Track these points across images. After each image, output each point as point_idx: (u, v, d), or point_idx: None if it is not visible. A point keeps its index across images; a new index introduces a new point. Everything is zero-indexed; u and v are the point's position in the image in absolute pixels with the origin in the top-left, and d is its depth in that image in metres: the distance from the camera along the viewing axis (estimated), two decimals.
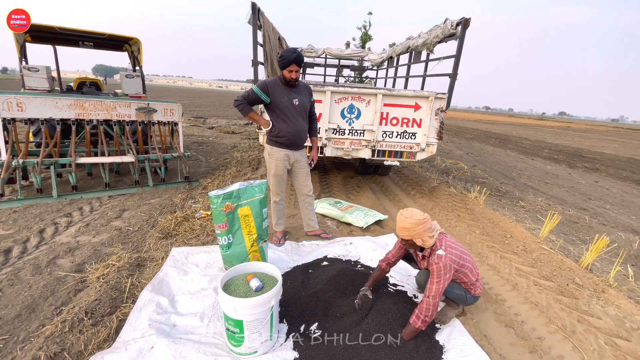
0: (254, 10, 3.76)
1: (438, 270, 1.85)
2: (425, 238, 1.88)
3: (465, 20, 3.90)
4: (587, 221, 4.88)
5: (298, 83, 2.79)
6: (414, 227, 1.85)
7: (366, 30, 14.16)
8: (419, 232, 1.85)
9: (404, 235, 1.90)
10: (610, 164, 11.45)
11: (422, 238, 1.88)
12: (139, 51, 5.84)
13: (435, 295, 1.83)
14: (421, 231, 1.85)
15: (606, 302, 2.54)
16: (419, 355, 1.79)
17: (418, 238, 1.88)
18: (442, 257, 1.86)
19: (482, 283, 2.20)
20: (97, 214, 3.58)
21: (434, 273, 1.86)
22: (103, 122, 4.29)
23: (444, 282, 1.85)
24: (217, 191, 2.21)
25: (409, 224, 1.85)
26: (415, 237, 1.88)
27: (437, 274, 1.86)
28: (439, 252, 1.88)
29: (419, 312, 1.85)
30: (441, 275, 1.85)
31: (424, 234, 1.87)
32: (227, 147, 8.15)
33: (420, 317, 1.83)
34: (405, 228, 1.86)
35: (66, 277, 2.41)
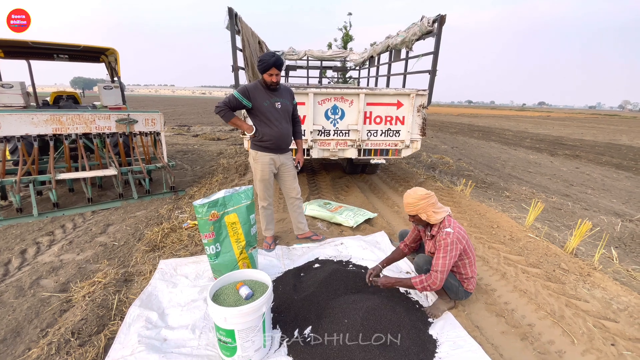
0: (231, 15, 3.73)
1: (445, 245, 1.92)
2: (429, 213, 1.99)
3: (441, 17, 3.96)
4: (570, 207, 5.01)
5: (279, 86, 2.79)
6: (416, 201, 1.98)
7: (347, 31, 14.24)
8: (423, 207, 1.98)
9: (409, 210, 2.04)
10: (590, 150, 11.80)
11: (426, 213, 1.99)
12: (116, 61, 5.72)
13: (442, 270, 1.90)
14: (425, 206, 1.98)
15: (592, 285, 2.61)
16: (413, 350, 1.80)
17: (422, 213, 1.99)
18: (450, 233, 1.94)
19: (476, 282, 2.26)
20: (80, 230, 3.48)
21: (441, 248, 1.93)
22: (82, 136, 4.19)
23: (450, 258, 1.91)
24: (202, 200, 2.18)
25: (412, 199, 2.00)
26: (419, 211, 2.00)
27: (443, 249, 1.92)
28: (448, 229, 1.96)
29: (424, 279, 1.93)
30: (447, 250, 1.92)
31: (428, 209, 1.98)
32: (213, 154, 8.06)
33: (423, 283, 1.93)
34: (409, 203, 2.01)
35: (50, 297, 2.34)
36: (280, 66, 2.62)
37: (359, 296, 2.17)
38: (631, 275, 2.89)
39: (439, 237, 1.98)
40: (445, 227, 1.99)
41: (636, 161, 9.64)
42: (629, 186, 6.67)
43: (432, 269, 1.95)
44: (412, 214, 2.05)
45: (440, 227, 2.02)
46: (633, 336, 2.05)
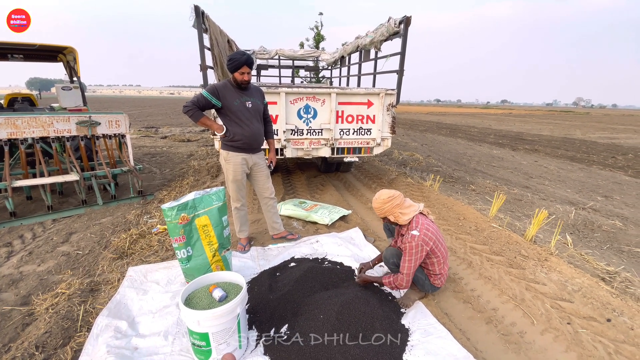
0: (198, 13, 3.65)
1: (410, 248, 1.99)
2: (396, 214, 2.05)
3: (407, 19, 4.09)
4: (529, 198, 5.34)
5: (250, 86, 2.77)
6: (381, 205, 2.06)
7: (318, 31, 14.29)
8: (388, 210, 2.05)
9: (378, 214, 2.12)
10: (547, 144, 12.60)
11: (393, 215, 2.06)
12: (75, 61, 5.42)
13: (408, 273, 2.01)
14: (390, 208, 2.04)
15: (549, 269, 2.81)
16: (387, 341, 1.86)
17: (390, 215, 2.06)
18: (415, 237, 1.99)
19: (445, 279, 2.33)
20: (40, 240, 3.28)
21: (406, 251, 2.00)
22: (40, 140, 3.94)
23: (415, 260, 2.00)
24: (171, 203, 2.13)
25: (377, 203, 2.09)
26: (386, 214, 2.06)
27: (408, 252, 2.00)
28: (414, 232, 2.01)
29: (393, 279, 2.04)
30: (412, 253, 1.99)
31: (394, 211, 2.05)
32: (183, 156, 7.84)
33: (392, 283, 2.05)
34: (375, 207, 2.10)
35: (11, 311, 2.21)
36: (251, 64, 2.61)
37: (334, 291, 2.21)
38: (584, 258, 3.14)
39: (405, 239, 2.03)
40: (412, 229, 2.03)
41: (588, 154, 10.42)
42: (582, 177, 7.21)
43: (400, 270, 2.05)
44: (381, 217, 2.13)
45: (408, 229, 2.06)
46: (587, 315, 2.23)
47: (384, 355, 1.77)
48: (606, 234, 4.03)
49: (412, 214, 2.06)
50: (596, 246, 3.68)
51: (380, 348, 1.81)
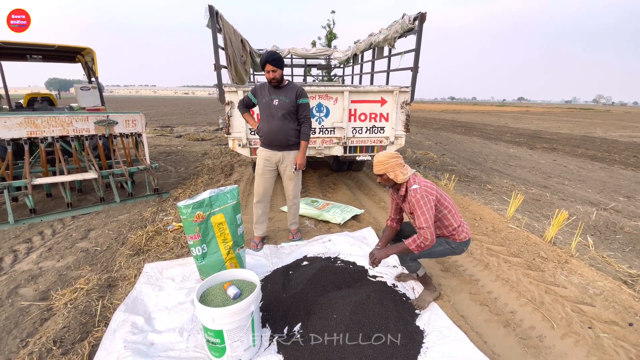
0: (212, 13, 3.68)
1: (417, 202, 1.99)
2: (397, 172, 2.08)
3: (422, 15, 4.02)
4: (548, 198, 5.19)
5: (286, 84, 2.89)
6: (387, 159, 2.08)
7: (331, 29, 14.23)
8: (392, 166, 2.07)
9: (378, 169, 2.11)
10: (566, 142, 12.23)
11: (394, 172, 2.08)
12: (93, 61, 5.55)
13: (427, 226, 1.95)
14: (393, 164, 2.07)
15: (570, 271, 2.72)
16: (401, 342, 1.83)
17: (391, 172, 2.08)
18: (417, 189, 2.02)
19: (468, 228, 2.25)
20: (60, 236, 3.37)
21: (415, 206, 2.00)
22: (59, 139, 4.05)
23: (427, 210, 1.97)
24: (187, 201, 2.15)
25: (383, 157, 2.09)
26: (388, 170, 2.08)
27: (417, 206, 1.99)
28: (414, 186, 2.04)
29: (416, 238, 1.99)
30: (422, 205, 1.98)
31: (396, 168, 2.07)
32: (197, 154, 7.94)
33: (417, 242, 1.97)
34: (380, 161, 2.09)
35: (30, 306, 2.26)
36: (274, 62, 2.69)
37: (347, 291, 2.20)
38: (606, 261, 3.03)
39: (409, 196, 2.05)
40: (411, 185, 2.07)
41: (609, 153, 10.06)
42: (603, 177, 6.96)
43: (416, 227, 2.01)
44: (380, 173, 2.12)
45: (408, 187, 2.09)
46: (608, 319, 2.15)
47: (398, 357, 1.75)
48: (629, 236, 3.88)
49: (409, 174, 2.11)
50: (618, 248, 3.55)
51: (395, 350, 1.78)
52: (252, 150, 4.14)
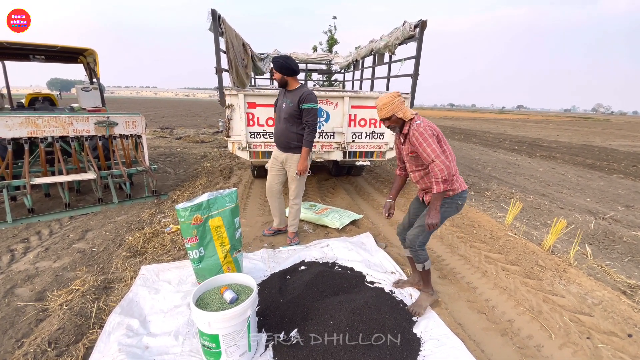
0: (214, 17, 3.70)
1: (421, 134, 1.99)
2: (405, 110, 2.08)
3: (422, 22, 4.05)
4: (546, 206, 5.19)
5: (296, 88, 3.01)
6: (391, 99, 2.06)
7: (332, 34, 14.32)
8: (398, 105, 2.06)
9: (385, 112, 2.08)
10: (565, 151, 12.26)
11: (402, 110, 2.07)
12: (95, 62, 5.57)
13: (436, 155, 1.95)
14: (399, 103, 2.07)
15: (568, 281, 2.71)
16: (398, 349, 1.82)
17: (399, 111, 2.07)
18: (420, 124, 2.03)
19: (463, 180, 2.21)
20: (57, 237, 3.36)
21: (420, 140, 1.99)
22: (59, 139, 4.05)
23: (433, 142, 1.97)
24: (185, 203, 2.15)
25: (388, 98, 2.07)
26: (395, 110, 2.06)
27: (422, 139, 1.99)
28: (417, 122, 2.06)
29: (434, 179, 1.97)
30: (426, 137, 1.98)
31: (401, 106, 2.08)
32: (197, 157, 7.94)
33: (438, 180, 1.96)
34: (386, 103, 2.06)
35: (26, 307, 2.25)
36: (274, 65, 2.95)
37: (344, 297, 2.19)
38: (605, 270, 3.03)
39: (411, 131, 2.05)
40: (415, 121, 2.07)
41: (608, 162, 10.09)
42: (602, 185, 6.97)
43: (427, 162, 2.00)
44: (388, 116, 2.09)
45: (410, 125, 2.09)
46: (607, 329, 2.14)
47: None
48: (628, 246, 3.88)
49: (412, 112, 2.12)
50: (617, 258, 3.54)
51: (391, 357, 1.77)
52: (252, 153, 4.14)
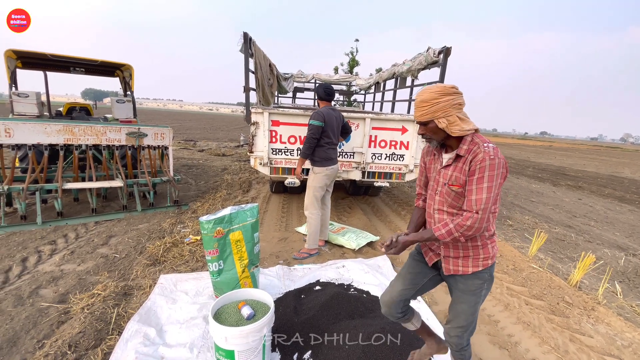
0: (246, 40, 3.89)
1: (492, 168, 1.22)
2: (453, 118, 1.27)
3: (447, 49, 4.10)
4: (573, 238, 4.97)
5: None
6: (437, 96, 1.28)
7: (353, 56, 14.66)
8: (444, 108, 1.27)
9: (422, 113, 1.32)
10: (592, 181, 11.81)
11: (447, 118, 1.28)
12: (130, 77, 5.91)
13: (485, 208, 1.23)
14: (447, 106, 1.27)
15: (596, 320, 2.57)
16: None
17: (442, 118, 1.28)
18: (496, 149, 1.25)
19: None
20: (82, 240, 3.49)
21: (485, 174, 1.23)
22: (92, 147, 4.27)
23: (495, 188, 1.24)
24: (208, 216, 2.20)
25: (430, 93, 1.29)
26: (437, 114, 1.29)
27: (489, 172, 1.23)
28: (487, 144, 1.26)
29: (454, 228, 1.26)
30: (493, 176, 1.23)
31: (451, 111, 1.28)
32: (218, 169, 8.14)
33: (453, 232, 1.27)
34: (425, 100, 1.30)
35: (49, 308, 2.32)
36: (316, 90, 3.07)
37: (360, 321, 2.14)
38: (635, 311, 2.85)
39: (479, 155, 1.24)
40: (484, 141, 1.27)
41: (639, 194, 9.63)
42: (632, 220, 6.63)
43: (468, 207, 1.26)
44: (424, 120, 1.33)
45: (474, 142, 1.28)
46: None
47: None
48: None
49: (472, 126, 1.30)
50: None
51: None
52: (272, 169, 4.22)
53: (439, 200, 1.40)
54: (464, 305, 1.41)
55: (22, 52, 4.82)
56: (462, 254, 1.38)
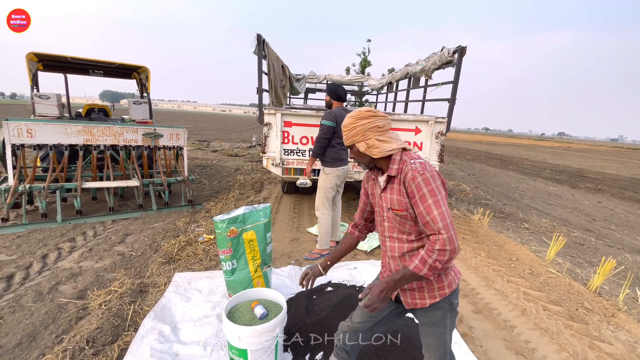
0: (259, 42, 3.92)
1: (426, 181, 1.15)
2: (371, 141, 1.27)
3: (462, 49, 4.04)
4: (592, 243, 4.82)
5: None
6: (354, 122, 1.29)
7: (365, 57, 14.59)
8: (361, 132, 1.28)
9: (345, 137, 1.34)
10: (613, 184, 11.43)
11: (366, 141, 1.27)
12: (147, 79, 6.04)
13: (446, 224, 1.11)
14: (364, 130, 1.27)
15: (617, 327, 2.48)
16: None
17: (361, 141, 1.28)
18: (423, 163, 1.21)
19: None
20: (100, 238, 3.58)
21: (423, 190, 1.15)
22: (110, 147, 4.38)
23: (443, 199, 1.16)
24: (222, 216, 2.23)
25: (349, 119, 1.31)
26: (357, 138, 1.29)
27: (428, 189, 1.15)
28: (417, 160, 1.22)
29: (425, 255, 1.14)
30: (433, 187, 1.15)
31: (369, 134, 1.27)
32: (230, 169, 8.23)
33: (427, 261, 1.13)
34: (345, 126, 1.32)
35: (68, 304, 2.38)
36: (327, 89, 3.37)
37: None
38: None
39: (408, 173, 1.19)
40: (411, 158, 1.23)
41: None
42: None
43: (429, 228, 1.15)
44: (348, 144, 1.34)
45: (402, 160, 1.25)
46: None
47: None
48: None
49: (396, 145, 1.27)
50: None
51: None
52: (284, 169, 4.24)
53: (388, 226, 1.34)
54: (430, 338, 1.34)
55: (43, 55, 4.99)
56: (416, 285, 1.29)
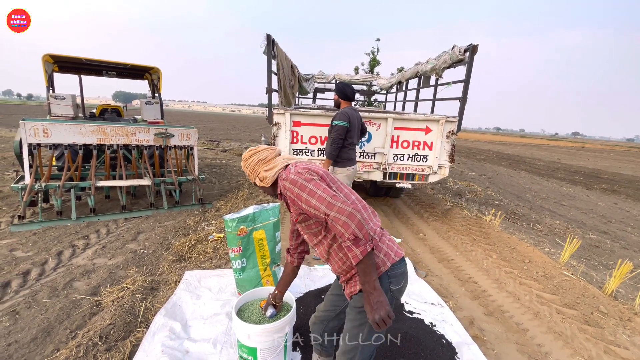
0: (269, 42, 3.94)
1: (293, 182, 1.25)
2: (262, 175, 1.42)
3: (473, 47, 3.99)
4: (608, 245, 4.70)
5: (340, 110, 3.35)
6: (244, 163, 1.47)
7: (374, 56, 14.52)
8: (252, 169, 1.45)
9: (248, 176, 1.50)
10: (629, 185, 11.12)
11: (258, 176, 1.44)
12: (158, 79, 6.13)
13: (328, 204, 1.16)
14: (252, 167, 1.44)
15: (633, 331, 2.41)
16: None
17: (255, 177, 1.45)
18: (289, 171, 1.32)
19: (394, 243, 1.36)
20: (113, 236, 3.65)
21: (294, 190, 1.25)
22: (122, 147, 4.46)
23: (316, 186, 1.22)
24: (232, 215, 2.24)
25: (242, 162, 1.49)
26: (252, 176, 1.46)
27: (297, 187, 1.24)
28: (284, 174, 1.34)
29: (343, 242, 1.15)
30: (303, 183, 1.24)
31: (258, 169, 1.43)
32: (240, 169, 8.28)
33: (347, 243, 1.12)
34: (243, 168, 1.50)
35: (82, 300, 2.43)
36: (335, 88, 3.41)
37: None
38: None
39: (281, 186, 1.33)
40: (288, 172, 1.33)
41: None
42: None
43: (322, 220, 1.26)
44: (252, 182, 1.50)
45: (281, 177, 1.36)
46: None
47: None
48: None
49: (276, 169, 1.40)
50: None
51: None
52: None
53: (307, 237, 1.44)
54: (348, 323, 1.34)
55: (58, 56, 5.11)
56: (348, 276, 1.33)
